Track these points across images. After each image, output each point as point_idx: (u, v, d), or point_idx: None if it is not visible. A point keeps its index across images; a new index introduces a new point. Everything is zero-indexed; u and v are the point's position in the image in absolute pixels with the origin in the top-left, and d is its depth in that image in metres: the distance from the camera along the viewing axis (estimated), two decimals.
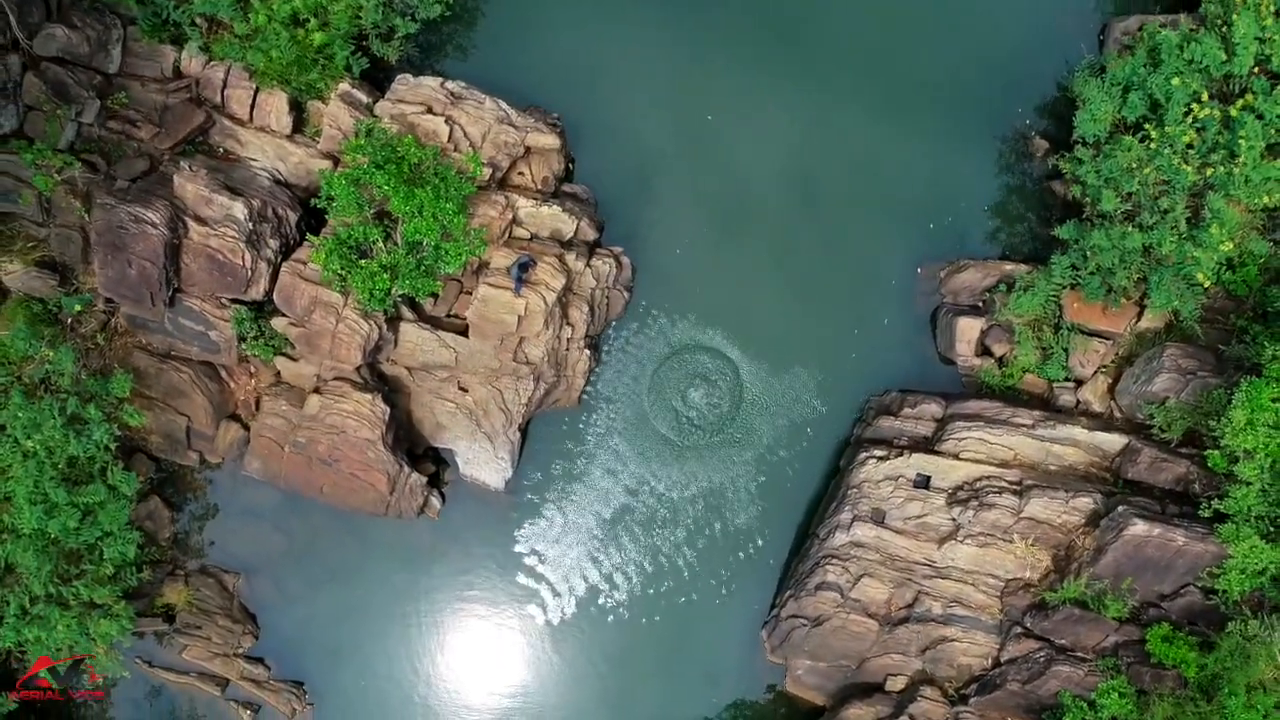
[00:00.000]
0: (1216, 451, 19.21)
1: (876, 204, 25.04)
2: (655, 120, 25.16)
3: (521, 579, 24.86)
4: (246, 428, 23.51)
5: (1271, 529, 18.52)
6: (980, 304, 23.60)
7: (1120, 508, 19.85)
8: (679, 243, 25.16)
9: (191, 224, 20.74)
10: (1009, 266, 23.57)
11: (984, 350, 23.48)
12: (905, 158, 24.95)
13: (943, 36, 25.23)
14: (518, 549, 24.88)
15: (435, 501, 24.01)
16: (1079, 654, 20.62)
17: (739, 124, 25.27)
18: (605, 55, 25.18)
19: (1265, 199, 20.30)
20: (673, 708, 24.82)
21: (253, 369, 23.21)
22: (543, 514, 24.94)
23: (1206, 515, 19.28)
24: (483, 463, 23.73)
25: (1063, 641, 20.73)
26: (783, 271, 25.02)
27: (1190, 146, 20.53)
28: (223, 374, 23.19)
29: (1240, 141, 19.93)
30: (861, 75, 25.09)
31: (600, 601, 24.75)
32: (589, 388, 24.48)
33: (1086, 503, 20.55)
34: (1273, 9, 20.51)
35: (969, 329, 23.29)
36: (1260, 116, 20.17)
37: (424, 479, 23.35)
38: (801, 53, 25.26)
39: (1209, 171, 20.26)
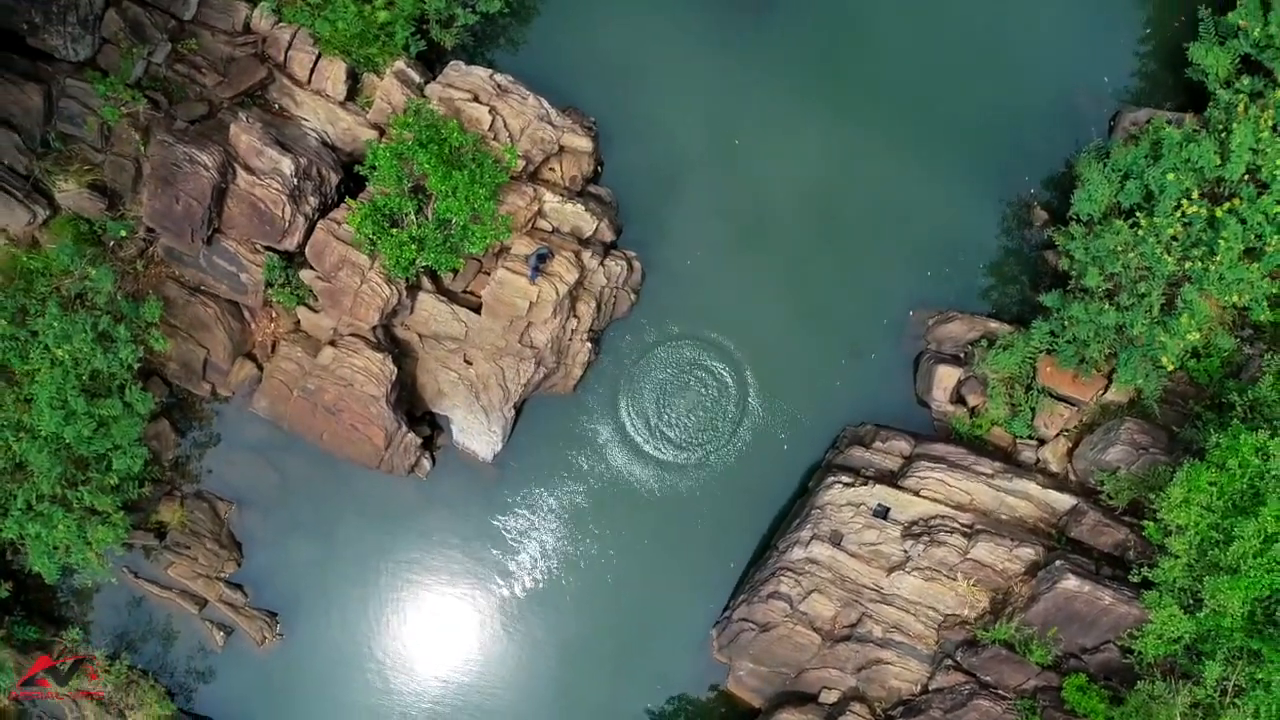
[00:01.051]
0: (1154, 524, 20.68)
1: (884, 243, 26.32)
2: (687, 135, 26.42)
3: (493, 552, 26.18)
4: (260, 368, 24.91)
5: (1191, 601, 19.96)
6: (961, 355, 25.01)
7: (1057, 562, 21.33)
8: (691, 254, 26.46)
9: (240, 172, 22.16)
10: (993, 324, 24.97)
11: (958, 398, 24.89)
12: (918, 203, 26.21)
13: (974, 97, 26.42)
14: (494, 522, 26.18)
15: (425, 463, 25.40)
16: (1001, 692, 22.06)
17: (769, 146, 26.48)
18: (649, 67, 26.46)
19: (1235, 297, 21.76)
20: (618, 692, 26.06)
21: (275, 314, 24.60)
22: (523, 492, 26.22)
23: (1135, 581, 20.75)
24: (476, 433, 25.13)
25: (988, 678, 22.17)
26: (785, 294, 26.27)
27: (1174, 239, 21.96)
28: (246, 314, 24.58)
29: (1221, 241, 21.37)
30: (894, 117, 26.35)
31: (564, 584, 26.04)
32: (585, 379, 25.87)
33: (1029, 553, 22.02)
34: (1270, 123, 21.97)
35: (947, 376, 24.71)
36: (1243, 221, 21.60)
37: (418, 440, 24.76)
38: (843, 87, 26.56)
39: (1188, 265, 21.70)
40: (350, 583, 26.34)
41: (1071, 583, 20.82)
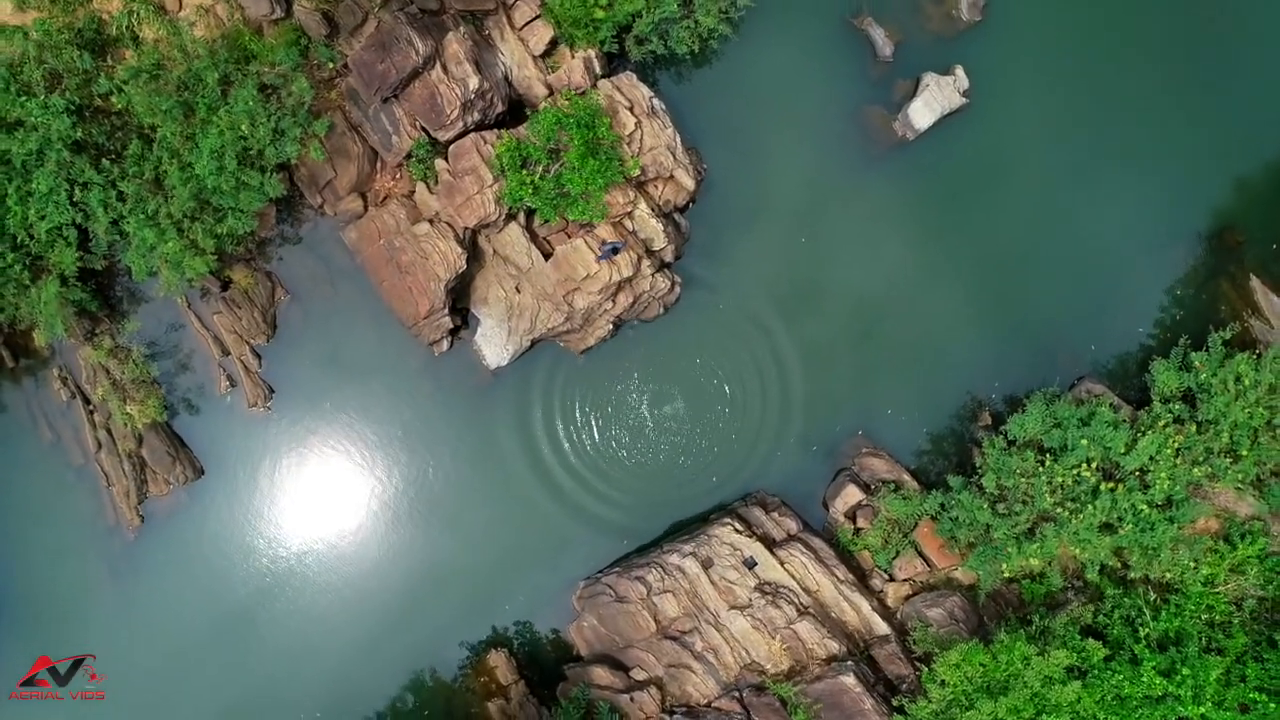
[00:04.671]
0: (929, 672, 26.16)
1: (880, 370, 31.36)
2: (775, 212, 31.30)
3: (442, 445, 30.95)
4: (365, 209, 30.08)
5: None
6: (871, 485, 30.44)
7: (849, 663, 26.82)
8: (725, 301, 31.51)
9: (438, 68, 27.40)
10: (907, 477, 30.39)
11: (852, 515, 30.31)
12: (923, 354, 31.38)
13: (1011, 302, 31.62)
14: (456, 423, 30.96)
15: (444, 344, 30.63)
16: None
17: (843, 251, 31.35)
18: (775, 148, 31.20)
19: (1079, 552, 27.25)
20: (476, 601, 30.99)
21: (400, 176, 29.82)
22: (497, 410, 31.15)
23: (895, 705, 26.23)
24: (493, 343, 30.39)
25: (758, 718, 27.59)
26: (780, 366, 31.23)
27: (1061, 486, 27.38)
28: (379, 165, 29.79)
29: (1090, 507, 26.79)
30: (957, 278, 31.39)
31: (479, 499, 30.86)
32: (594, 349, 31.09)
33: (834, 647, 27.48)
34: (1175, 447, 27.38)
35: (851, 496, 30.14)
36: (1114, 502, 27.02)
37: (450, 325, 30.00)
38: (935, 236, 31.43)
39: (1059, 510, 27.12)
40: (331, 400, 31.16)
41: (850, 681, 26.30)
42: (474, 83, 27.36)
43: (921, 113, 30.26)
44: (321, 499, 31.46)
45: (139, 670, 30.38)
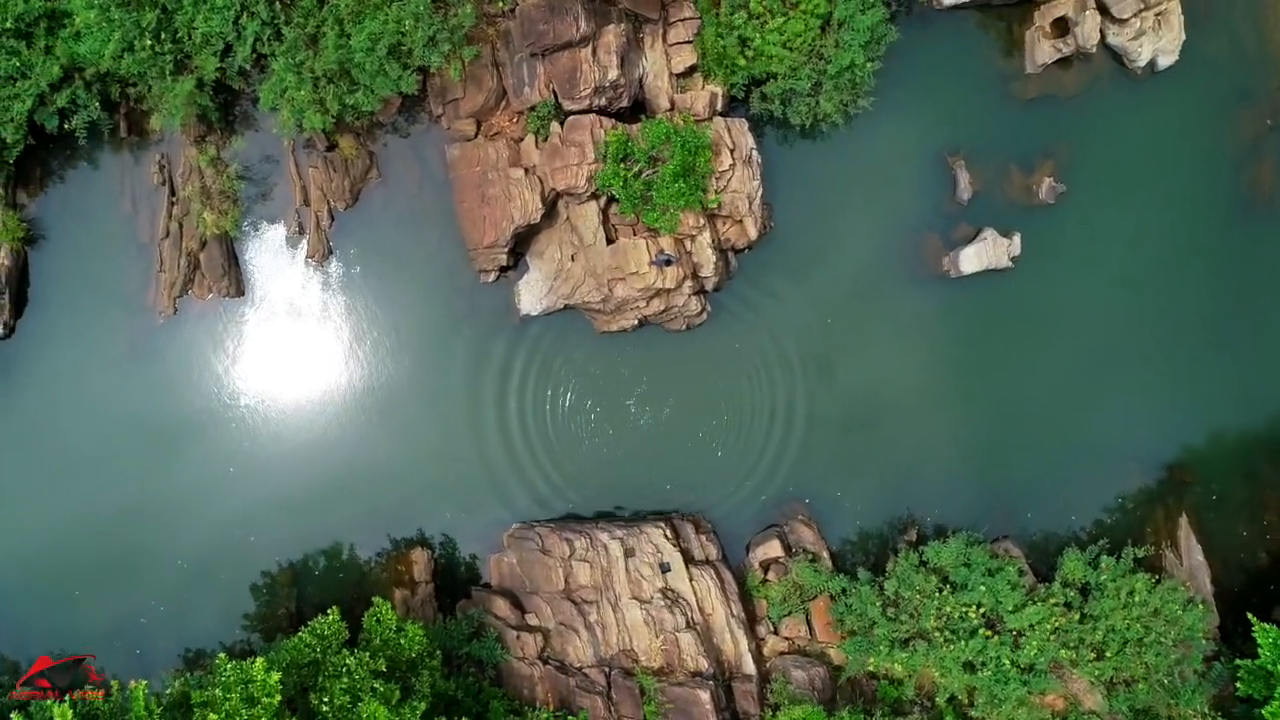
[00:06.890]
0: (772, 716, 29.45)
1: (855, 451, 34.26)
2: (817, 288, 34.19)
3: (449, 360, 33.96)
4: (475, 135, 33.13)
5: None
6: (792, 548, 33.68)
7: (710, 683, 30.11)
8: (739, 340, 34.62)
9: (589, 48, 30.50)
10: (825, 554, 33.55)
11: (766, 566, 33.55)
12: (896, 457, 34.25)
13: (990, 448, 34.65)
14: (470, 348, 34.05)
15: (491, 275, 33.75)
16: (619, 710, 30.79)
17: (867, 341, 34.21)
18: (847, 235, 34.11)
19: (939, 675, 30.50)
20: (415, 506, 34.31)
21: (516, 121, 32.87)
22: (510, 350, 34.16)
23: None
24: (533, 292, 33.50)
25: (616, 696, 30.87)
26: (766, 416, 34.12)
27: (947, 615, 30.62)
28: (503, 104, 32.83)
29: (961, 642, 29.97)
30: (959, 402, 34.31)
31: (456, 424, 34.10)
32: (611, 335, 34.20)
33: (704, 664, 30.78)
34: (1052, 627, 30.57)
35: (773, 550, 33.37)
36: (983, 649, 30.19)
37: (503, 262, 33.12)
38: (958, 360, 34.20)
39: (936, 634, 30.38)
40: (375, 282, 34.39)
41: (705, 696, 29.61)
42: (614, 74, 30.46)
43: (970, 259, 33.40)
44: (325, 363, 34.59)
45: (85, 438, 34.16)
